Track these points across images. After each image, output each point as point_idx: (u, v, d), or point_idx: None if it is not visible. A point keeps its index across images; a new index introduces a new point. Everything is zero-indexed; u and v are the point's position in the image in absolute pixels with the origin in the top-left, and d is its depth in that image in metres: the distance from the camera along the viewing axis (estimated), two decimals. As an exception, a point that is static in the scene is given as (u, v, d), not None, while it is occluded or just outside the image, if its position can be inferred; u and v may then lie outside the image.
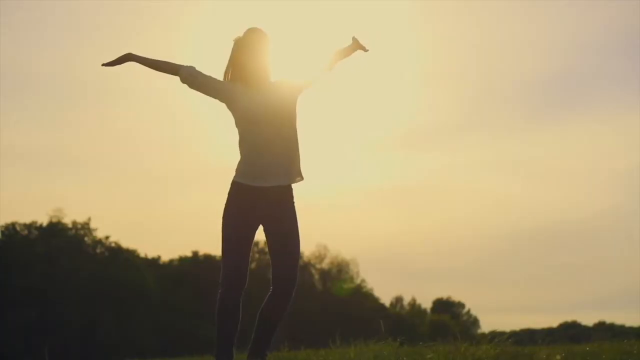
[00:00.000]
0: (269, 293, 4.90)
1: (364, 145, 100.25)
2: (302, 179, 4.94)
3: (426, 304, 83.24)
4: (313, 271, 65.86)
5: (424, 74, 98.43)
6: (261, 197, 4.85)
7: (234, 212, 4.86)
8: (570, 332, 66.19)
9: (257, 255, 56.75)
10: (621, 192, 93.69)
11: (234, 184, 4.89)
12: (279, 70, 4.94)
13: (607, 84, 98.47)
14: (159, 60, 4.96)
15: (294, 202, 4.92)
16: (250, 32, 4.91)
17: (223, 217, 4.87)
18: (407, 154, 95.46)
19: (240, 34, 4.94)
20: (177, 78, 4.94)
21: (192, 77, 4.88)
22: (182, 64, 4.93)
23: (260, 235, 4.90)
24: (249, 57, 4.86)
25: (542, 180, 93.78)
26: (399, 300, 78.71)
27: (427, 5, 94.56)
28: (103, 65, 4.97)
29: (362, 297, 67.45)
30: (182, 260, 60.16)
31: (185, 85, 4.91)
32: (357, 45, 4.95)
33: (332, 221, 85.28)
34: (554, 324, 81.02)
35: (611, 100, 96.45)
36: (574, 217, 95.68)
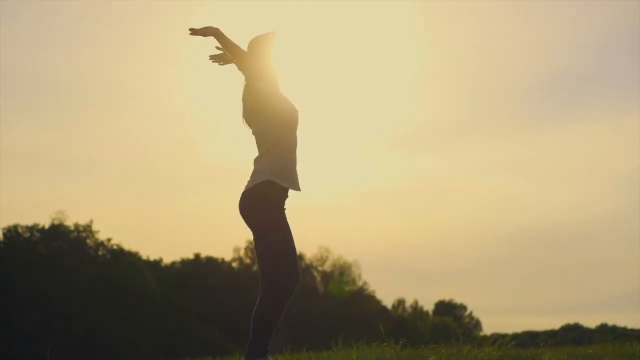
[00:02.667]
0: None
1: (365, 146, 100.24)
2: None
3: (428, 306, 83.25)
4: (315, 273, 65.83)
5: (424, 74, 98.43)
6: (284, 199, 4.87)
7: (282, 217, 4.79)
8: (572, 334, 66.20)
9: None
10: (622, 194, 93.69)
11: (271, 183, 4.77)
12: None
13: (607, 85, 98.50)
14: (234, 45, 4.89)
15: None
16: (274, 35, 4.96)
17: (271, 221, 4.73)
18: (408, 156, 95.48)
19: (253, 34, 4.97)
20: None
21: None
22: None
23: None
24: (270, 59, 4.93)
25: (543, 181, 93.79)
26: (401, 302, 78.70)
27: (426, 6, 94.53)
28: (190, 31, 4.85)
29: (364, 300, 67.41)
30: (184, 262, 60.17)
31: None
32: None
33: (333, 223, 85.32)
34: (556, 326, 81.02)
35: (612, 102, 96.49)
36: (575, 218, 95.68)
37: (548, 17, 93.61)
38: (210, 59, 5.12)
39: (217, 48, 5.06)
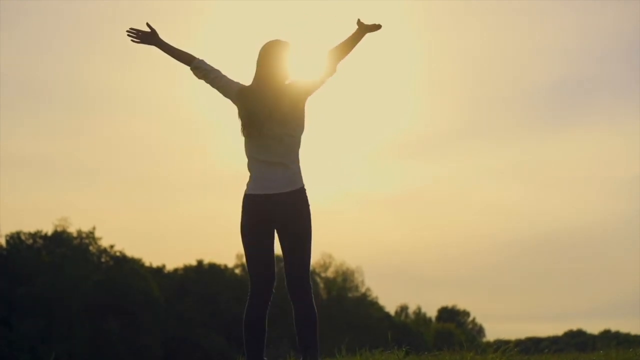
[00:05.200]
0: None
1: (368, 152, 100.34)
2: None
3: (431, 312, 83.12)
4: (318, 280, 65.79)
5: (425, 80, 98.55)
6: None
7: None
8: (576, 340, 66.03)
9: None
10: (625, 199, 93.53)
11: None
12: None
13: (609, 90, 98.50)
14: (177, 49, 5.11)
15: None
16: (288, 46, 5.01)
17: (311, 225, 4.92)
18: (410, 162, 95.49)
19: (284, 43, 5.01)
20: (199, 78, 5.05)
21: (202, 71, 5.03)
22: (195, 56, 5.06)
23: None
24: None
25: (546, 187, 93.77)
26: (404, 308, 78.62)
27: (428, 12, 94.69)
28: (129, 34, 5.10)
29: (367, 306, 67.37)
30: (187, 268, 60.15)
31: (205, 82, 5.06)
32: (364, 29, 4.88)
33: (336, 229, 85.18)
34: (559, 332, 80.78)
35: (612, 107, 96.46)
36: (578, 224, 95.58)
37: (549, 23, 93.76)
38: (127, 31, 5.09)
39: (148, 25, 5.07)
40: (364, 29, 4.87)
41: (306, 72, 4.94)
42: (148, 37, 5.10)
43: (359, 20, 4.85)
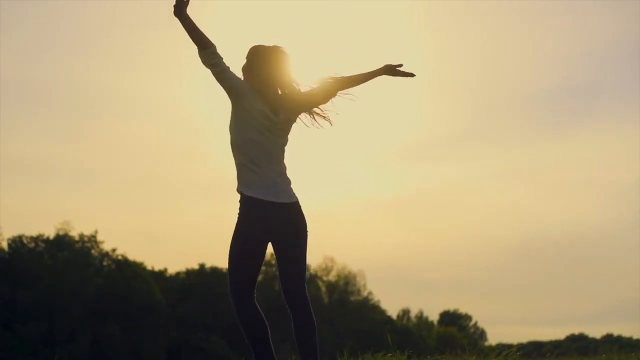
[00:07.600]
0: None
1: (370, 155, 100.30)
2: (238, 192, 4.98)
3: (433, 316, 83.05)
4: (320, 283, 65.75)
5: (427, 83, 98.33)
6: None
7: None
8: (578, 344, 65.94)
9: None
10: (628, 204, 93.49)
11: None
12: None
13: (611, 94, 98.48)
14: (199, 29, 4.83)
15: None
16: (281, 52, 4.94)
17: None
18: (412, 165, 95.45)
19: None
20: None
21: (216, 58, 4.79)
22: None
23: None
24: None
25: (548, 191, 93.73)
26: (405, 312, 78.51)
27: (430, 16, 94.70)
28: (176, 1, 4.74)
29: (369, 310, 67.33)
30: (189, 272, 60.16)
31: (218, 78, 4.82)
32: (392, 72, 5.00)
33: (339, 233, 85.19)
34: (561, 336, 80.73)
35: (616, 111, 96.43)
36: (581, 227, 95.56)
37: (551, 26, 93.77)
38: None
39: None
40: (392, 72, 5.02)
41: (305, 81, 4.92)
42: (180, 7, 4.79)
43: (395, 66, 5.00)
